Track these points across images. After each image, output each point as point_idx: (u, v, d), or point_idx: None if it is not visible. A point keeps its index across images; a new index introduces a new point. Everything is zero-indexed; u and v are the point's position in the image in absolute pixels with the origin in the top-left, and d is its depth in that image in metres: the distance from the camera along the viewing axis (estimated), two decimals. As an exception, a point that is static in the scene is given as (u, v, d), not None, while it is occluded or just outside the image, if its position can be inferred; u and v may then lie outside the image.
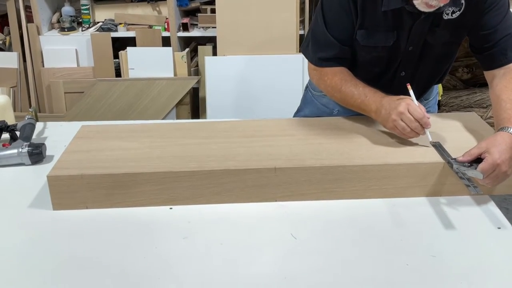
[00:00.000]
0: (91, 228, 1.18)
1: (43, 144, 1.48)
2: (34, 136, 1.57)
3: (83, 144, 1.38)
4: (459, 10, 1.37)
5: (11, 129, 1.56)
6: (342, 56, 1.47)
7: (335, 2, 1.41)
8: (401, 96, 1.33)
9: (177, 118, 3.29)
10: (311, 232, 1.15)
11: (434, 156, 1.27)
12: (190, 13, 3.43)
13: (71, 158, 1.31)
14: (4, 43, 3.44)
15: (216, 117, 3.13)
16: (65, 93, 3.31)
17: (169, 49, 3.24)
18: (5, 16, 3.41)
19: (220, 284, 1.00)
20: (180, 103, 3.28)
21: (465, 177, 1.19)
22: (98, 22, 3.43)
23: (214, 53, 3.25)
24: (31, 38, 3.30)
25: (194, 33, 3.31)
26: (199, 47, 3.30)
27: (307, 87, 1.76)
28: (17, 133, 1.55)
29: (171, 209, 1.25)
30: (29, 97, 3.42)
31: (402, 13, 1.36)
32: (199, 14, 3.32)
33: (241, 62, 3.11)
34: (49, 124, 1.73)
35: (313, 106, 1.71)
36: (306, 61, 1.56)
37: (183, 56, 3.24)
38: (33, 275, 1.04)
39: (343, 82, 1.44)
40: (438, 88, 2.91)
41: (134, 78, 3.25)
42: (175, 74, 3.27)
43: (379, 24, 1.40)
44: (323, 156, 1.28)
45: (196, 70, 3.36)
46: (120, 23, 3.35)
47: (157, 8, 3.38)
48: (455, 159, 1.22)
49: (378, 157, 1.27)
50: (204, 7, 3.32)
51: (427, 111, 1.48)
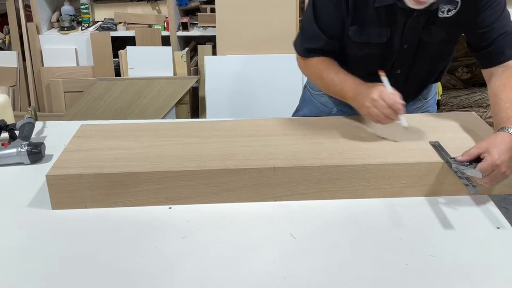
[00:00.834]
0: (90, 228, 1.18)
1: (42, 143, 1.48)
2: (33, 136, 1.57)
3: (82, 143, 1.38)
4: (455, 9, 1.37)
5: (10, 128, 1.56)
6: (328, 49, 1.48)
7: None
8: (376, 84, 1.34)
9: (177, 117, 3.29)
10: (310, 232, 1.15)
11: (433, 156, 1.27)
12: (189, 13, 3.43)
13: (70, 158, 1.30)
14: (4, 42, 3.44)
15: (216, 116, 3.13)
16: (64, 92, 3.31)
17: (168, 49, 3.24)
18: (4, 15, 3.40)
19: (219, 284, 1.00)
20: (179, 102, 3.28)
21: (464, 176, 1.19)
22: (98, 21, 3.43)
23: (214, 53, 3.25)
24: (30, 37, 3.29)
25: (194, 32, 3.31)
26: (199, 47, 3.30)
27: (305, 86, 1.76)
28: (17, 132, 1.55)
29: (170, 208, 1.25)
30: (28, 96, 3.42)
31: (395, 9, 1.35)
32: (198, 14, 3.32)
33: (241, 62, 3.11)
34: (48, 123, 1.73)
35: (312, 106, 1.71)
36: None
37: (182, 56, 3.24)
38: (32, 274, 1.04)
39: (325, 69, 1.47)
40: (438, 88, 2.92)
41: (133, 78, 3.25)
42: (174, 74, 3.27)
43: (371, 20, 1.40)
44: (322, 155, 1.28)
45: (195, 70, 3.36)
46: (120, 22, 3.35)
47: (156, 8, 3.38)
48: (454, 158, 1.22)
49: (377, 156, 1.27)
50: (203, 6, 3.32)
51: (426, 111, 1.48)
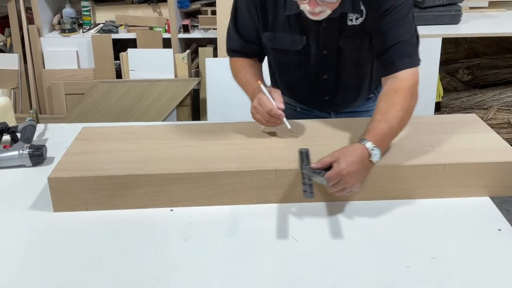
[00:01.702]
0: (92, 230, 1.18)
1: (44, 145, 1.49)
2: (35, 138, 1.58)
3: (83, 146, 1.39)
4: (361, 16, 1.38)
5: (12, 130, 1.56)
6: (246, 51, 1.54)
7: (243, 2, 1.47)
8: (260, 91, 1.38)
9: (178, 119, 3.30)
10: (312, 234, 1.15)
11: (435, 158, 1.27)
12: (190, 15, 3.44)
13: (71, 160, 1.31)
14: (5, 44, 3.44)
15: (217, 118, 3.13)
16: (65, 94, 3.31)
17: (169, 51, 3.24)
18: (6, 18, 3.41)
19: (221, 286, 1.00)
20: (180, 104, 3.28)
21: (309, 182, 1.18)
22: (99, 24, 3.43)
23: (215, 55, 3.25)
24: (32, 39, 3.30)
25: (195, 34, 3.32)
26: (200, 49, 3.30)
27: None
28: (18, 134, 1.55)
29: (171, 210, 1.25)
30: (29, 98, 3.43)
31: (305, 18, 1.36)
32: (199, 16, 3.32)
33: (242, 64, 3.11)
34: (49, 125, 1.73)
35: None
36: None
37: (183, 58, 3.24)
38: (33, 276, 1.04)
39: (239, 69, 1.53)
40: (438, 90, 2.92)
41: (134, 80, 3.26)
42: (175, 76, 3.27)
43: (284, 28, 1.43)
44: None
45: (196, 72, 3.36)
46: (121, 25, 3.35)
47: (157, 10, 3.39)
48: (309, 165, 1.20)
49: (378, 158, 1.27)
50: (204, 8, 3.32)
51: None
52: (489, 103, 3.12)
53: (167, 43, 3.28)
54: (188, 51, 3.31)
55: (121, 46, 3.39)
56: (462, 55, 3.54)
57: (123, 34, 3.33)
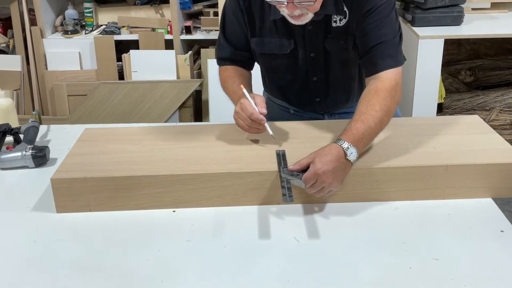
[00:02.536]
0: (94, 231, 1.18)
1: (47, 147, 1.49)
2: (37, 139, 1.58)
3: (86, 147, 1.39)
4: (345, 18, 1.38)
5: (14, 132, 1.57)
6: (236, 58, 1.54)
7: (230, 10, 1.49)
8: (243, 97, 1.36)
9: (180, 121, 3.30)
10: (314, 235, 1.15)
11: (437, 159, 1.27)
12: (193, 16, 3.44)
13: (74, 161, 1.31)
14: (8, 46, 3.45)
15: (219, 120, 3.14)
16: (68, 96, 3.32)
17: (172, 52, 3.24)
18: (8, 19, 3.42)
19: (223, 287, 1.00)
20: (182, 106, 3.29)
21: (287, 185, 1.18)
22: (101, 25, 3.44)
23: (217, 56, 3.25)
24: (34, 41, 3.31)
25: (197, 36, 3.32)
26: (202, 50, 3.31)
27: (263, 91, 1.78)
28: (21, 136, 1.56)
29: (174, 212, 1.25)
30: (32, 100, 3.43)
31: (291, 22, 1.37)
32: (202, 17, 3.32)
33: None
34: (52, 127, 1.73)
35: (272, 108, 1.71)
36: None
37: (186, 59, 3.24)
38: (36, 277, 1.04)
39: (227, 78, 1.52)
40: (440, 91, 2.92)
41: (137, 81, 3.26)
42: (178, 77, 3.28)
43: (271, 32, 1.45)
44: (326, 159, 1.28)
45: (198, 73, 3.37)
46: (123, 26, 3.36)
47: (160, 11, 3.39)
48: (286, 167, 1.20)
49: (380, 160, 1.27)
50: (207, 10, 3.33)
51: None
52: (491, 104, 3.12)
53: (169, 45, 3.28)
54: (190, 52, 3.31)
55: (123, 47, 3.39)
56: (464, 56, 3.54)
57: (125, 36, 3.33)
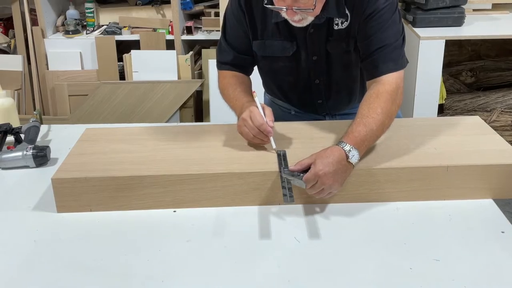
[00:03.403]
0: (95, 231, 1.19)
1: (48, 146, 1.49)
2: (38, 139, 1.58)
3: (87, 147, 1.39)
4: (346, 21, 1.38)
5: (15, 131, 1.57)
6: (237, 63, 1.54)
7: (231, 13, 1.48)
8: (252, 105, 1.34)
9: (181, 121, 3.30)
10: (315, 235, 1.15)
11: (438, 160, 1.27)
12: (194, 17, 3.44)
13: (75, 161, 1.31)
14: (9, 46, 3.45)
15: (220, 120, 3.14)
16: (69, 95, 3.32)
17: (173, 52, 3.24)
18: (10, 19, 3.42)
19: (224, 287, 1.00)
20: (183, 106, 3.29)
21: (288, 186, 1.18)
22: (103, 25, 3.44)
23: (218, 57, 3.25)
24: (35, 41, 3.31)
25: (198, 36, 3.32)
26: (203, 50, 3.31)
27: (264, 92, 1.78)
28: (22, 135, 1.56)
29: (175, 212, 1.25)
30: (33, 99, 3.44)
31: (292, 25, 1.36)
32: (203, 18, 3.33)
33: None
34: (53, 127, 1.74)
35: (273, 109, 1.70)
36: None
37: (187, 59, 3.25)
38: (37, 277, 1.04)
39: (227, 85, 1.51)
40: (441, 92, 2.92)
41: (138, 81, 3.26)
42: (178, 77, 3.28)
43: (273, 35, 1.45)
44: (326, 159, 1.28)
45: (199, 73, 3.37)
46: (125, 26, 3.36)
47: (161, 12, 3.39)
48: (287, 168, 1.21)
49: (382, 160, 1.27)
50: (208, 10, 3.33)
51: None
52: (492, 105, 3.12)
53: (170, 45, 3.28)
54: (191, 52, 3.32)
55: (124, 47, 3.39)
56: (465, 57, 3.53)
57: (126, 36, 3.33)
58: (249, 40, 1.50)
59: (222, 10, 3.09)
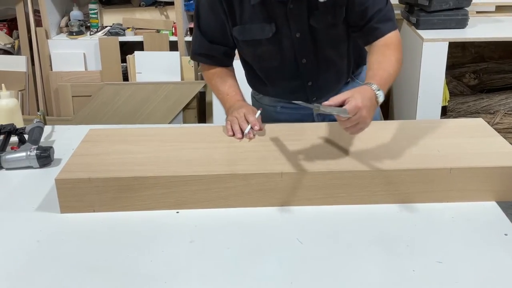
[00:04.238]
0: (98, 232, 1.19)
1: (51, 147, 1.49)
2: (42, 140, 1.59)
3: (91, 147, 1.39)
4: None
5: (19, 132, 1.57)
6: (211, 53, 1.56)
7: (205, 2, 1.48)
8: (247, 106, 1.49)
9: (184, 122, 3.30)
10: (317, 237, 1.15)
11: (441, 162, 1.27)
12: (197, 18, 3.44)
13: (79, 162, 1.31)
14: (13, 46, 3.46)
15: (223, 121, 3.12)
16: (72, 96, 3.33)
17: (176, 54, 3.25)
18: (14, 20, 3.44)
19: (226, 288, 1.01)
20: (186, 107, 3.29)
21: (331, 113, 1.20)
22: (106, 26, 3.45)
23: (221, 58, 3.25)
24: (39, 42, 3.32)
25: (201, 37, 3.32)
26: (206, 52, 3.31)
27: (251, 94, 1.79)
28: (26, 136, 1.56)
29: (177, 213, 1.25)
30: (37, 100, 3.45)
31: (271, 3, 1.38)
32: (206, 19, 3.33)
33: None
34: (56, 127, 1.74)
35: (258, 107, 1.72)
36: None
37: (190, 61, 3.25)
38: (40, 278, 1.04)
39: (214, 76, 1.59)
40: (445, 94, 2.91)
41: (141, 82, 3.27)
42: (182, 79, 3.28)
43: (252, 18, 1.45)
44: (329, 161, 1.28)
45: (202, 75, 3.37)
46: (128, 28, 3.37)
47: (164, 13, 3.40)
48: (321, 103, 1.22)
49: (384, 162, 1.27)
50: (211, 12, 3.33)
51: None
52: (495, 108, 3.11)
53: (173, 46, 3.29)
54: (194, 54, 3.31)
55: (128, 48, 3.40)
56: (468, 59, 3.53)
57: (130, 37, 3.34)
58: (224, 29, 1.49)
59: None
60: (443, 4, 2.80)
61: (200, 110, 3.42)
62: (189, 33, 3.31)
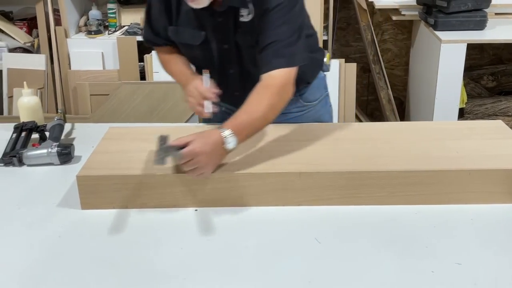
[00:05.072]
0: (118, 228, 1.20)
1: (72, 144, 1.52)
2: (62, 137, 1.61)
3: (111, 145, 1.41)
4: (251, 14, 1.37)
5: (40, 129, 1.60)
6: (158, 43, 1.59)
7: None
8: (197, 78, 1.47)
9: (200, 121, 3.31)
10: (335, 237, 1.15)
11: (460, 164, 1.26)
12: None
13: (99, 159, 1.33)
14: (33, 45, 3.51)
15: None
16: (90, 95, 3.36)
17: (193, 53, 3.26)
18: (34, 19, 3.48)
19: (244, 286, 1.01)
20: (203, 106, 3.30)
21: (162, 156, 1.19)
22: (124, 26, 3.48)
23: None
24: (58, 40, 3.36)
25: (218, 37, 3.33)
26: (223, 52, 3.32)
27: None
28: (47, 133, 1.58)
29: (196, 210, 1.26)
30: (55, 98, 3.48)
31: (203, 12, 1.38)
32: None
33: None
34: (76, 125, 1.76)
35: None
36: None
37: (206, 60, 3.26)
38: (60, 273, 1.06)
39: (168, 60, 1.62)
40: (462, 96, 2.89)
41: (158, 82, 3.29)
42: (198, 78, 3.29)
43: (185, 23, 1.47)
44: (347, 161, 1.29)
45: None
46: (146, 27, 3.38)
47: (182, 13, 3.41)
48: (166, 144, 1.24)
49: (403, 163, 1.27)
50: (228, 12, 3.34)
51: (317, 117, 1.60)
52: (514, 110, 3.08)
53: (190, 46, 3.30)
54: (211, 53, 3.33)
55: (145, 48, 3.42)
56: (486, 61, 3.50)
57: (147, 37, 3.35)
58: (166, 26, 1.51)
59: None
60: (461, 5, 2.78)
61: (216, 110, 3.42)
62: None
